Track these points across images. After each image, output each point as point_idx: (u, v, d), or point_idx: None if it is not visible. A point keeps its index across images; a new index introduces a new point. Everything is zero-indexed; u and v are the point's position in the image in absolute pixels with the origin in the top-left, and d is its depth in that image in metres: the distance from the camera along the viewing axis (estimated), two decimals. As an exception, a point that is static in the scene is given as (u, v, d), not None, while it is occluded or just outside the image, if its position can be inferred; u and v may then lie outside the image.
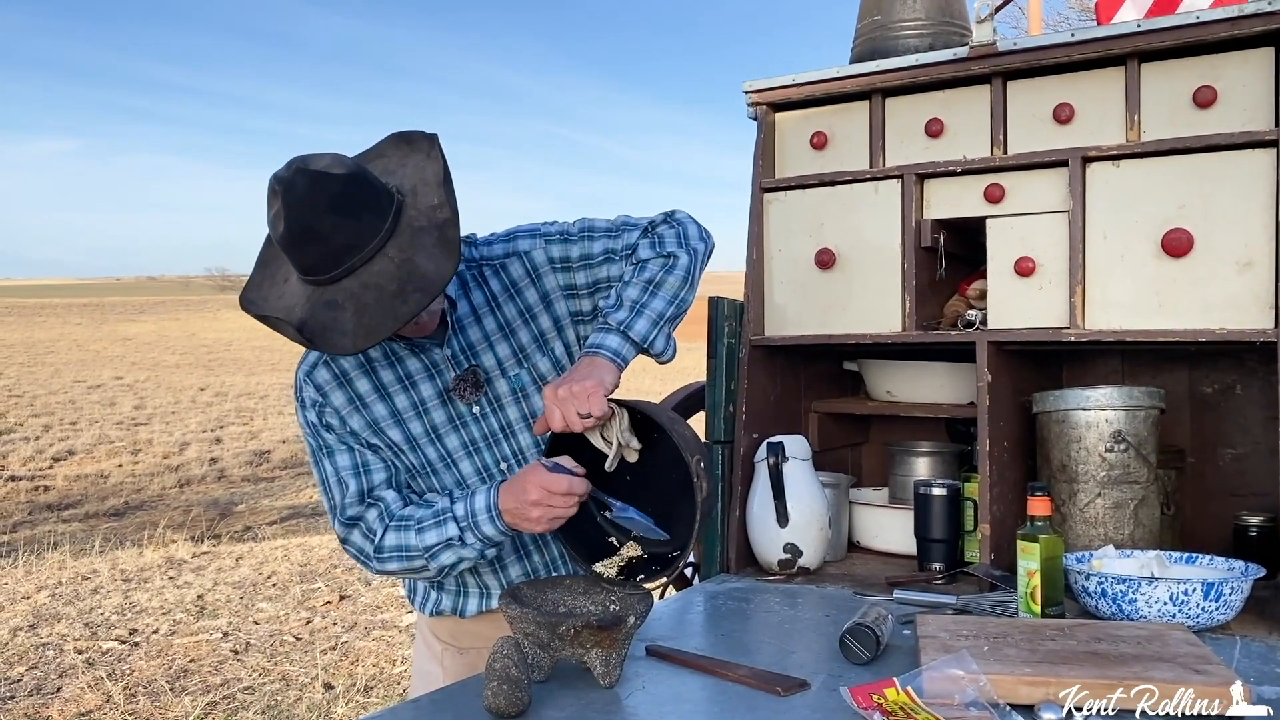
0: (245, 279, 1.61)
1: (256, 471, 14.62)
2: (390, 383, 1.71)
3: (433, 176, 1.52)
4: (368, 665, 4.62)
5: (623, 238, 1.76)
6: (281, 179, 1.43)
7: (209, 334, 35.96)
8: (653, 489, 1.64)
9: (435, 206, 1.49)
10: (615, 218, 1.81)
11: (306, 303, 1.48)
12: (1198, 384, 2.40)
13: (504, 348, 1.74)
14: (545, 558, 1.82)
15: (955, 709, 1.27)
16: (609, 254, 1.76)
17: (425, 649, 1.96)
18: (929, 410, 2.43)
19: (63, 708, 4.11)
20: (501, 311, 1.75)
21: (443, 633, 1.90)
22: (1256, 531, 2.10)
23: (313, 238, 1.43)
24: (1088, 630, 1.55)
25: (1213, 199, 1.90)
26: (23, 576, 6.50)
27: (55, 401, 19.77)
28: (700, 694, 1.44)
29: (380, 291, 1.45)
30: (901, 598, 1.95)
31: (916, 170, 2.20)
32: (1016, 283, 2.09)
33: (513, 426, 1.75)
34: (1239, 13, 1.86)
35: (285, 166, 1.45)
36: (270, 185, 1.44)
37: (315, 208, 1.42)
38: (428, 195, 1.51)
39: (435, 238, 1.47)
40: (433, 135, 1.56)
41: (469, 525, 1.61)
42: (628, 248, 1.76)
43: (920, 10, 2.37)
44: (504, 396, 1.74)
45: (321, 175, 1.43)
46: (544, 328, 1.77)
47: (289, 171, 1.43)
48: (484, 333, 1.74)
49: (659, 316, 1.68)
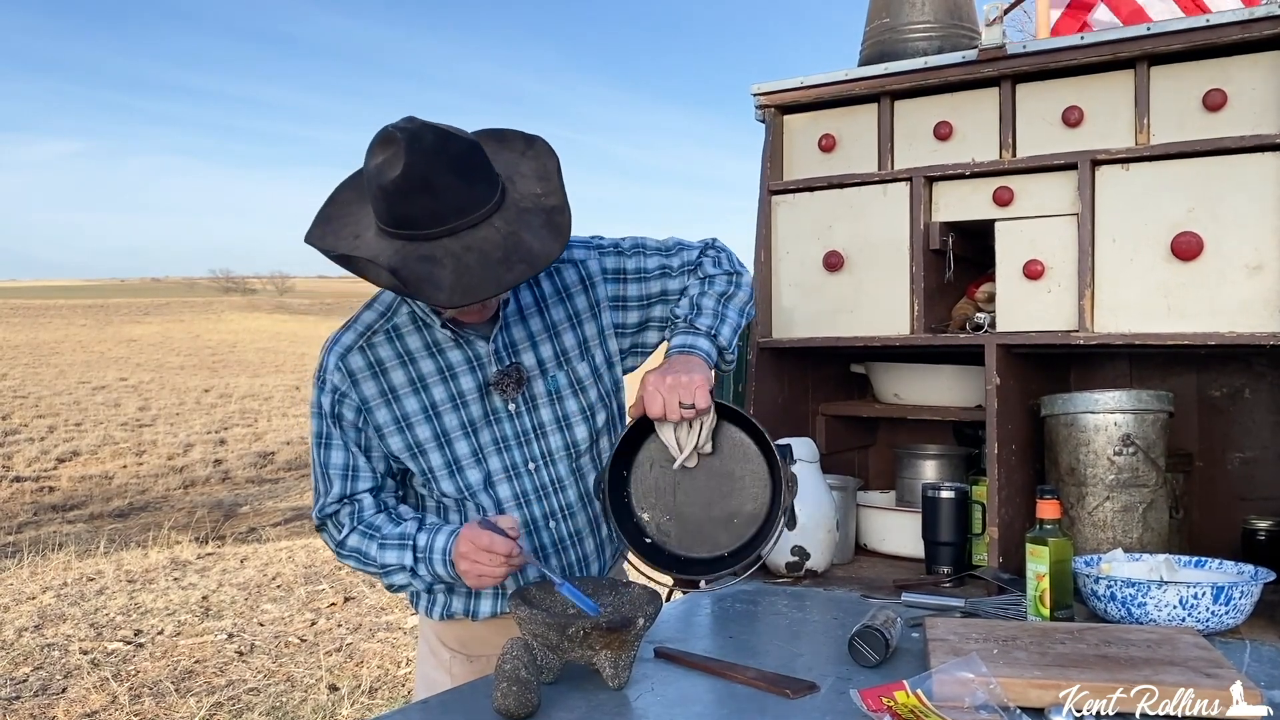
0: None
1: (261, 473, 14.64)
2: (429, 374, 1.70)
3: (529, 171, 1.58)
4: (372, 667, 4.62)
5: (679, 255, 1.83)
6: (404, 129, 1.44)
7: (213, 335, 36.02)
8: (700, 489, 1.68)
9: (539, 195, 1.55)
10: (665, 238, 1.88)
11: (397, 254, 1.48)
12: (1206, 388, 2.39)
13: (547, 349, 1.76)
14: (562, 562, 1.80)
15: (965, 712, 1.27)
16: (665, 270, 1.82)
17: (431, 656, 1.91)
18: (937, 413, 2.43)
19: (68, 708, 4.12)
20: (550, 313, 1.77)
21: (450, 639, 1.86)
22: (1265, 535, 2.09)
23: (427, 189, 1.45)
24: (1097, 634, 1.54)
25: (1222, 202, 1.90)
26: (28, 577, 6.51)
27: (60, 402, 19.81)
28: (709, 696, 1.43)
29: (484, 256, 1.47)
30: (909, 601, 1.95)
31: (925, 173, 2.20)
32: (1025, 285, 2.09)
33: (545, 428, 1.75)
34: (1249, 15, 1.86)
35: (404, 119, 1.47)
36: (386, 133, 1.45)
37: (437, 162, 1.44)
38: (526, 185, 1.56)
39: (543, 220, 1.53)
40: (532, 136, 1.62)
41: (424, 558, 1.65)
42: (686, 265, 1.82)
43: (929, 13, 2.37)
44: (539, 397, 1.75)
45: (448, 134, 1.47)
46: (589, 335, 1.79)
47: (412, 124, 1.46)
48: (528, 332, 1.75)
49: (735, 327, 1.78)
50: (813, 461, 2.21)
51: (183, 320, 41.84)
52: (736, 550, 1.66)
